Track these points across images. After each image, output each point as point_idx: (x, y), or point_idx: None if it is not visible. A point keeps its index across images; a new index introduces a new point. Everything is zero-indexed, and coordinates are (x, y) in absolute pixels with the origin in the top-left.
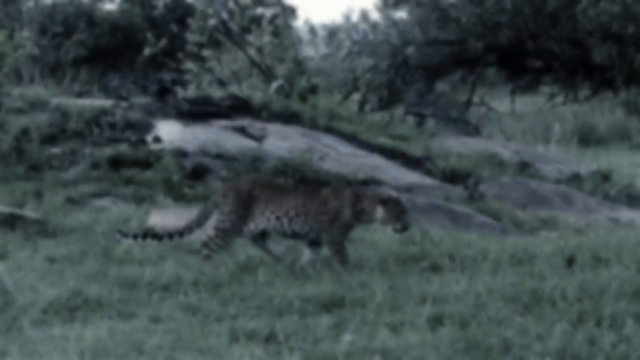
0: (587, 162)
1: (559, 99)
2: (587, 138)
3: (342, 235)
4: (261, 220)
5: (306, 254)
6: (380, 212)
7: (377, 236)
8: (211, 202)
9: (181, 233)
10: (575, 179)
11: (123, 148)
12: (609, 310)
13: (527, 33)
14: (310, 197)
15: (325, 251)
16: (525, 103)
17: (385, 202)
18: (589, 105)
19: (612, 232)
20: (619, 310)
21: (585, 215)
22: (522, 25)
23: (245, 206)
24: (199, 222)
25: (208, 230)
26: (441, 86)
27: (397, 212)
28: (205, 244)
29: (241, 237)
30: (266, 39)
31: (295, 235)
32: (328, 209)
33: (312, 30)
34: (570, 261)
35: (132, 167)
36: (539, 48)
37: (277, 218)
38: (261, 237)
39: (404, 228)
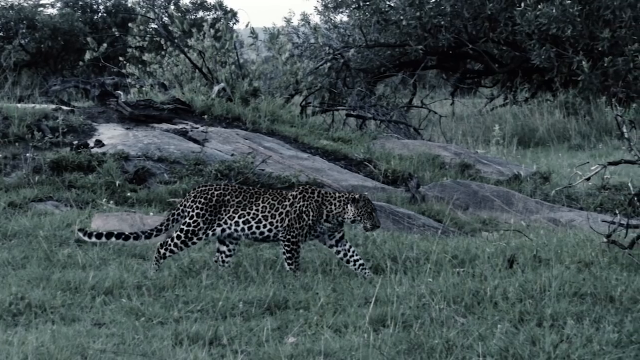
0: (527, 164)
1: (499, 101)
2: (526, 139)
3: (299, 237)
4: (230, 224)
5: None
6: (350, 211)
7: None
8: (180, 205)
9: (148, 234)
10: (515, 180)
11: (65, 152)
12: (550, 310)
13: (466, 36)
14: (278, 200)
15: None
16: (466, 105)
17: (356, 201)
18: (528, 107)
19: (552, 232)
20: (560, 310)
21: (526, 216)
22: (462, 28)
23: (213, 211)
24: (167, 225)
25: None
26: (382, 89)
27: (368, 211)
28: (164, 245)
29: (201, 240)
30: (208, 42)
31: (265, 239)
32: (293, 210)
33: (254, 33)
34: (511, 262)
35: (74, 171)
36: (479, 50)
37: (246, 222)
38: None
39: (374, 226)
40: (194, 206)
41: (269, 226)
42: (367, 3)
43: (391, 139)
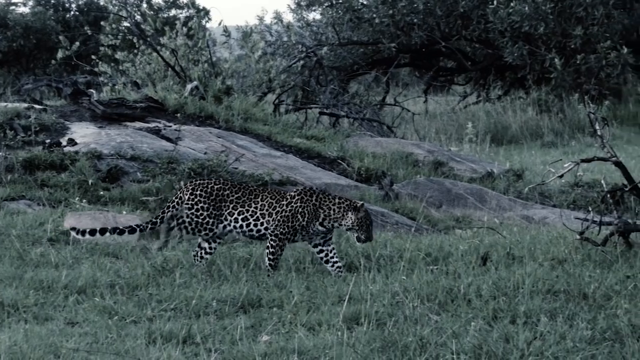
0: (500, 161)
1: (472, 98)
2: (499, 137)
3: (287, 235)
4: (229, 221)
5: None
6: (350, 218)
7: None
8: (175, 198)
9: (143, 227)
10: (488, 178)
11: (37, 151)
12: (524, 307)
13: (439, 34)
14: (277, 199)
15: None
16: (439, 103)
17: (357, 209)
18: (501, 104)
19: (525, 230)
20: (533, 307)
21: (499, 214)
22: (434, 26)
23: (216, 206)
24: (162, 218)
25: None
26: (355, 87)
27: (366, 223)
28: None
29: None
30: (180, 41)
31: (262, 237)
32: (288, 209)
33: (226, 31)
34: (484, 259)
35: (46, 170)
36: (451, 48)
37: (244, 219)
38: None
39: (367, 239)
40: (195, 199)
41: (265, 224)
42: (340, 1)
43: (364, 137)
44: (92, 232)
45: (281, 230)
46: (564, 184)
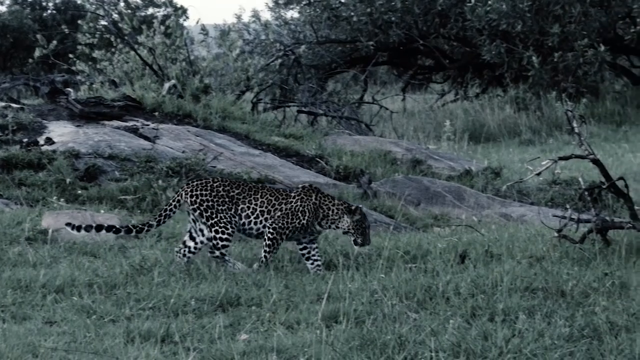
0: (478, 159)
1: (450, 96)
2: (477, 135)
3: (285, 232)
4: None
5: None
6: (345, 221)
7: None
8: (173, 201)
9: (140, 229)
10: (466, 176)
11: (15, 150)
12: (502, 305)
13: (417, 32)
14: (277, 196)
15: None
16: (417, 101)
17: (352, 212)
18: (479, 102)
19: (503, 227)
20: (512, 305)
21: (477, 212)
22: (412, 24)
23: (222, 202)
24: (159, 221)
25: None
26: (333, 85)
27: (362, 226)
28: (214, 248)
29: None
30: (158, 39)
31: (260, 235)
32: (288, 207)
33: (204, 30)
34: (463, 257)
35: (24, 169)
36: (429, 46)
37: (247, 217)
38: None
39: (364, 243)
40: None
41: (264, 222)
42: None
43: (343, 135)
44: (88, 228)
45: (280, 224)
46: (542, 182)
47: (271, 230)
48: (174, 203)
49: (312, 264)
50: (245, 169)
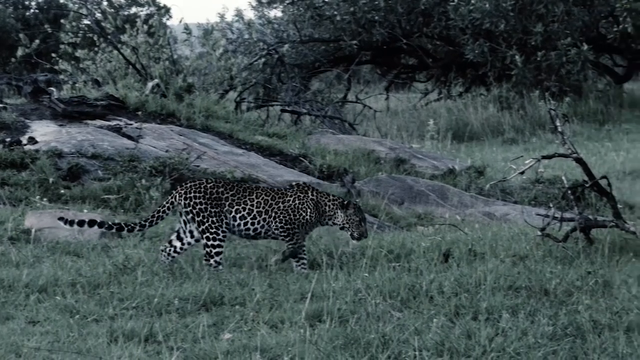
0: (462, 158)
1: (433, 95)
2: (461, 134)
3: (295, 230)
4: (227, 220)
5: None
6: (339, 216)
7: None
8: (166, 203)
9: (131, 228)
10: (450, 175)
11: None
12: (485, 303)
13: (400, 31)
14: (273, 196)
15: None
16: (400, 100)
17: (345, 206)
18: (462, 101)
19: (487, 226)
20: (495, 304)
21: (461, 210)
22: (396, 23)
23: (216, 205)
24: (152, 221)
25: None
26: (317, 84)
27: (356, 220)
28: (208, 256)
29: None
30: (141, 38)
31: (257, 235)
32: (288, 206)
33: (187, 29)
34: (446, 256)
35: (7, 169)
36: (413, 45)
37: (242, 218)
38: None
39: (360, 236)
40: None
41: (262, 223)
42: None
43: (326, 134)
44: (81, 223)
45: (288, 227)
46: (525, 181)
47: (284, 235)
48: (167, 204)
49: (297, 261)
50: (229, 168)
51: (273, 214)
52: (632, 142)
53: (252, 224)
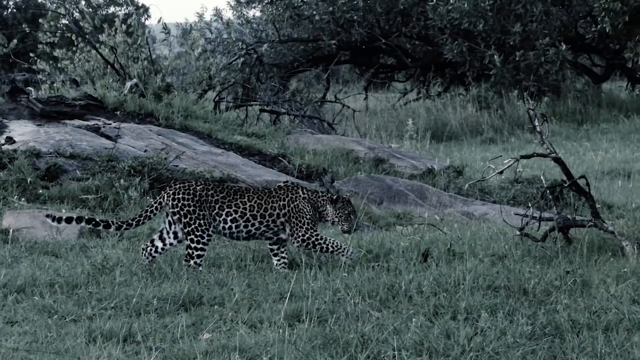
0: (441, 158)
1: (412, 95)
2: (439, 134)
3: (312, 227)
4: (217, 222)
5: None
6: (329, 211)
7: None
8: (156, 203)
9: (118, 226)
10: (429, 175)
11: None
12: (464, 303)
13: (379, 30)
14: (267, 200)
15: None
16: (379, 100)
17: (334, 201)
18: (441, 101)
19: (465, 226)
20: (474, 303)
21: (440, 210)
22: (374, 23)
23: (204, 207)
24: (139, 221)
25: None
26: (296, 84)
27: (345, 213)
28: (189, 257)
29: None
30: (119, 38)
31: (250, 237)
32: (290, 207)
33: (166, 29)
34: (425, 256)
35: None
36: (391, 45)
37: (233, 220)
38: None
39: (350, 229)
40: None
41: (256, 224)
42: None
43: (305, 134)
44: (68, 220)
45: (305, 229)
46: (504, 180)
47: (306, 239)
48: (155, 205)
49: (278, 260)
50: (208, 168)
51: (264, 215)
52: (610, 142)
53: (245, 226)
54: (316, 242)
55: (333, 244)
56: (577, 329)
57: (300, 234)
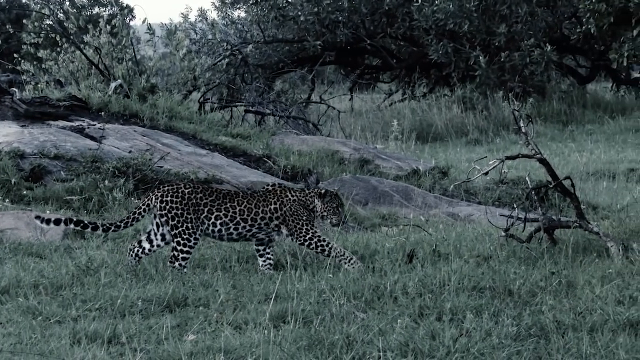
0: (426, 159)
1: (397, 96)
2: (425, 134)
3: (310, 227)
4: (206, 225)
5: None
6: (319, 206)
7: None
8: (142, 205)
9: (106, 227)
10: (414, 175)
11: None
12: (450, 304)
13: (364, 31)
14: (257, 204)
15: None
16: (364, 101)
17: (322, 195)
18: (426, 102)
19: (451, 227)
20: (459, 304)
21: (425, 211)
22: (360, 24)
23: (193, 211)
24: (127, 223)
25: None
26: (280, 84)
27: (333, 206)
28: (174, 259)
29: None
30: (104, 39)
31: (240, 239)
32: (285, 209)
33: (151, 29)
34: (410, 257)
35: None
36: (376, 46)
37: (223, 223)
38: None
39: (338, 222)
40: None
41: (248, 227)
42: None
43: (290, 135)
44: (57, 222)
45: (305, 229)
46: (489, 181)
47: (307, 239)
48: (143, 207)
49: (264, 261)
50: (192, 169)
51: (255, 217)
52: (595, 143)
53: (236, 229)
54: (318, 243)
55: (337, 249)
56: (562, 330)
57: (301, 234)
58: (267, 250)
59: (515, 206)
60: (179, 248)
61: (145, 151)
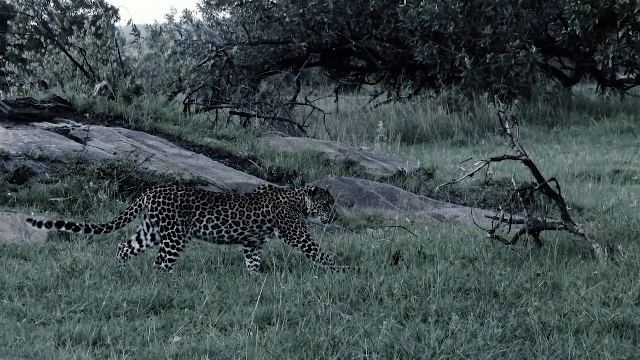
0: (411, 160)
1: (383, 97)
2: (410, 136)
3: (304, 230)
4: (197, 228)
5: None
6: (309, 204)
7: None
8: (135, 206)
9: (98, 229)
10: (399, 177)
11: None
12: (435, 306)
13: (349, 33)
14: (249, 207)
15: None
16: (350, 102)
17: (312, 193)
18: (412, 103)
19: (436, 229)
20: (445, 306)
21: (410, 213)
22: (345, 25)
23: (184, 213)
24: (118, 224)
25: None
26: (266, 86)
27: (324, 203)
28: (161, 260)
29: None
30: (89, 40)
31: (233, 242)
32: (279, 211)
33: (136, 31)
34: (396, 258)
35: None
36: (362, 48)
37: (215, 227)
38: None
39: (329, 219)
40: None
41: (240, 230)
42: (250, 0)
43: (276, 137)
44: (49, 225)
45: (299, 232)
46: (475, 183)
47: (300, 242)
48: (135, 207)
49: (250, 262)
50: (178, 170)
51: (247, 219)
52: (580, 145)
53: (228, 232)
54: (311, 247)
55: (328, 257)
56: (548, 332)
57: (295, 236)
58: (256, 252)
59: (500, 208)
60: (167, 250)
61: (130, 153)
